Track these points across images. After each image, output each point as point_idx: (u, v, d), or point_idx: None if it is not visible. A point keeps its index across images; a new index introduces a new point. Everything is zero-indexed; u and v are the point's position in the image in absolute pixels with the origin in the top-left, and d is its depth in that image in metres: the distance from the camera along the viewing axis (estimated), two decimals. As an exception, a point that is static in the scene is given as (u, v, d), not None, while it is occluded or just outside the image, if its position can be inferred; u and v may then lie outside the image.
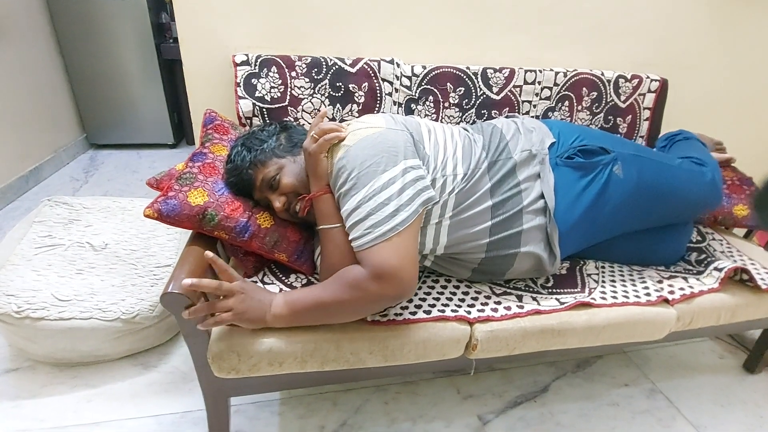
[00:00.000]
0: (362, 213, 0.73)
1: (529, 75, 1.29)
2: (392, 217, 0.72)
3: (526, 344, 0.89)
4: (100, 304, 1.10)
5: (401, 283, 0.71)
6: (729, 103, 1.62)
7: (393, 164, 0.76)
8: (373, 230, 0.71)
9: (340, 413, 1.08)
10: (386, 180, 0.74)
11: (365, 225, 0.72)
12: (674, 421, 1.13)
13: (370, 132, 0.80)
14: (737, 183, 1.28)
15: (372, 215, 0.72)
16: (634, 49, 1.44)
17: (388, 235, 0.71)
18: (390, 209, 0.72)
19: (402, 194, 0.74)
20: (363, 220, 0.73)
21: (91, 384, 1.11)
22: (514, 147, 0.92)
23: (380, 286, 0.70)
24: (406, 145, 0.80)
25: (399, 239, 0.72)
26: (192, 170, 0.92)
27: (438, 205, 0.84)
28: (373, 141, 0.78)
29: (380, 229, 0.71)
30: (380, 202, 0.73)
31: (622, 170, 0.92)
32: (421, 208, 0.75)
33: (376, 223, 0.72)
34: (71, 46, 2.44)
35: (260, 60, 1.13)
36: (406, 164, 0.77)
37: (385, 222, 0.71)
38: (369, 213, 0.72)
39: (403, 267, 0.70)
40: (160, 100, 2.66)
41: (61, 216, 1.36)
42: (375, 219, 0.72)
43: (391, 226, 0.71)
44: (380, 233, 0.71)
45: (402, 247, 0.71)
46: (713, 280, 1.01)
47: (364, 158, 0.75)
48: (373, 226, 0.72)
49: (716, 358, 1.36)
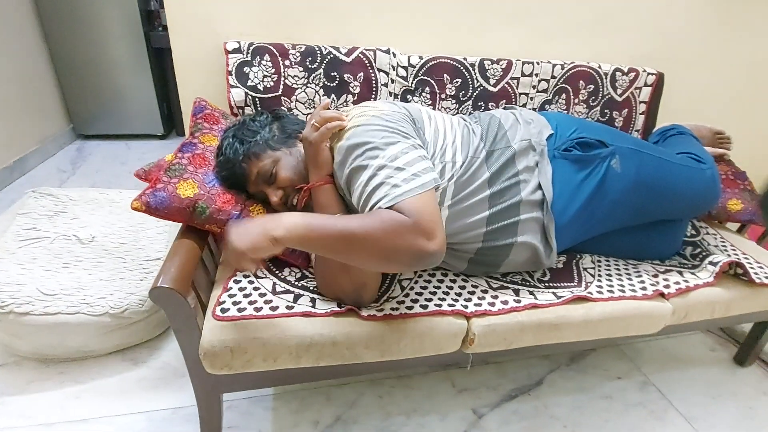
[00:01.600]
0: (380, 177, 0.69)
1: (526, 67, 1.27)
2: (412, 179, 0.68)
3: (523, 338, 0.88)
4: (88, 299, 1.07)
5: (436, 239, 0.64)
6: (725, 98, 1.62)
7: (405, 138, 0.75)
8: (396, 189, 0.67)
9: (334, 408, 1.07)
10: (400, 150, 0.72)
11: (387, 186, 0.67)
12: (666, 413, 1.14)
13: (377, 112, 0.79)
14: (731, 177, 1.29)
15: (392, 178, 0.68)
16: (632, 42, 1.43)
17: (415, 192, 0.66)
18: (409, 174, 0.69)
19: (417, 164, 0.71)
20: (381, 185, 0.68)
21: (79, 380, 1.09)
22: (513, 136, 0.91)
23: (418, 236, 0.63)
24: (411, 126, 0.80)
25: (425, 198, 0.67)
26: (181, 161, 0.89)
27: (438, 191, 0.82)
28: (382, 119, 0.77)
29: (407, 186, 0.67)
30: (397, 167, 0.69)
31: (620, 164, 0.91)
32: (434, 183, 0.71)
33: (396, 184, 0.67)
34: (57, 33, 2.37)
35: (253, 48, 1.10)
36: (415, 141, 0.76)
37: (407, 183, 0.67)
38: (388, 176, 0.68)
39: (437, 225, 0.66)
40: (149, 90, 2.60)
41: (47, 208, 1.32)
42: (395, 181, 0.68)
43: (414, 186, 0.67)
44: (410, 188, 0.67)
45: (430, 207, 0.67)
46: (708, 274, 1.01)
47: (376, 131, 0.74)
48: (395, 186, 0.67)
49: (707, 351, 1.37)
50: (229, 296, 0.82)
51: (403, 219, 0.64)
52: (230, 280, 0.87)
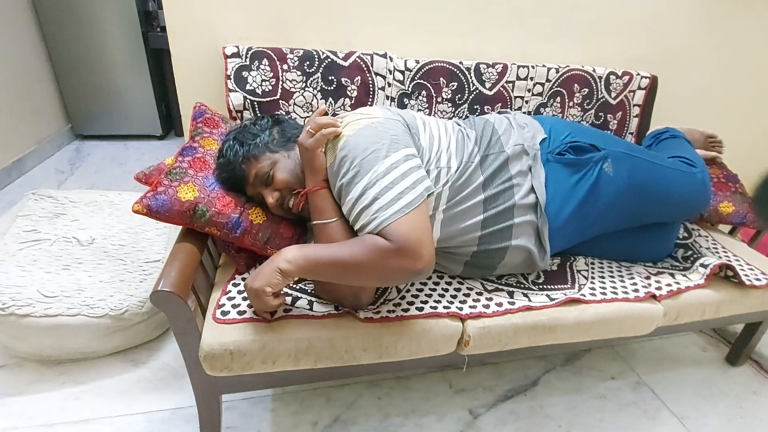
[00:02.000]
0: (367, 198, 0.72)
1: (521, 71, 1.29)
2: (399, 199, 0.71)
3: (517, 340, 0.90)
4: (88, 301, 1.08)
5: (421, 258, 0.69)
6: (718, 101, 1.64)
7: (395, 150, 0.76)
8: (382, 212, 0.70)
9: (333, 408, 1.09)
10: (389, 165, 0.73)
11: (372, 210, 0.71)
12: (659, 412, 1.16)
13: (370, 121, 0.80)
14: (723, 180, 1.31)
15: (378, 199, 0.71)
16: (626, 45, 1.45)
17: (401, 212, 0.70)
18: (395, 192, 0.71)
19: (405, 179, 0.73)
20: (369, 206, 0.72)
21: (80, 381, 1.10)
22: (507, 141, 0.92)
23: (403, 260, 0.69)
24: (405, 134, 0.81)
25: (413, 217, 0.70)
26: (182, 165, 0.90)
27: (432, 197, 0.84)
28: (373, 129, 0.78)
29: (392, 209, 0.70)
30: (384, 186, 0.72)
31: (612, 168, 0.93)
32: (425, 194, 0.74)
33: (383, 205, 0.71)
34: (54, 33, 2.36)
35: (251, 52, 1.11)
36: (407, 151, 0.77)
37: (395, 203, 0.71)
38: (374, 198, 0.71)
39: (422, 243, 0.69)
40: (147, 91, 2.60)
41: (47, 210, 1.33)
42: (382, 202, 0.71)
43: (402, 206, 0.70)
44: (394, 211, 0.70)
45: (418, 224, 0.70)
46: (699, 276, 1.03)
47: (366, 145, 0.75)
48: (381, 209, 0.70)
49: (699, 351, 1.39)
50: (228, 299, 0.84)
51: (387, 247, 0.69)
52: (229, 283, 0.88)
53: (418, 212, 0.71)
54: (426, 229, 0.72)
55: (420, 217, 0.72)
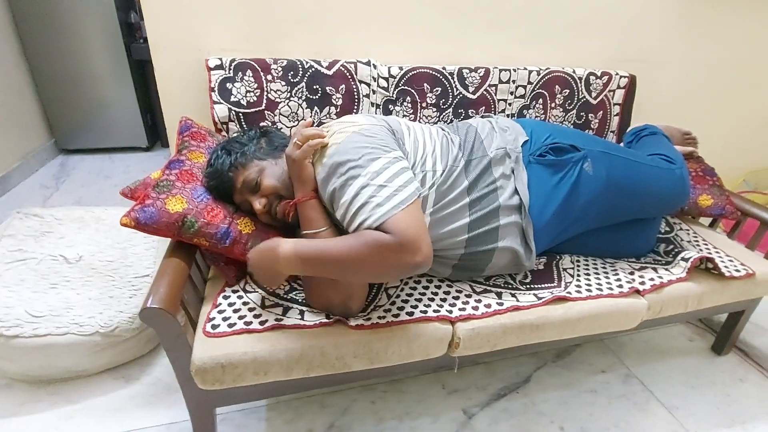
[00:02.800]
0: (363, 197, 0.73)
1: (503, 74, 1.31)
2: (394, 196, 0.72)
3: (506, 340, 0.91)
4: (77, 319, 1.07)
5: (420, 251, 0.69)
6: (694, 98, 1.69)
7: (385, 152, 0.77)
8: (378, 209, 0.71)
9: (327, 415, 1.09)
10: (382, 165, 0.75)
11: (369, 207, 0.72)
12: (648, 404, 1.19)
13: (356, 128, 0.81)
14: (701, 174, 1.34)
15: (374, 197, 0.72)
16: (604, 46, 1.48)
17: (397, 209, 0.71)
18: (390, 191, 0.73)
19: (398, 177, 0.75)
20: (365, 205, 0.72)
21: (72, 400, 1.09)
22: (489, 145, 0.94)
23: (403, 254, 0.68)
24: (390, 138, 0.82)
25: (410, 212, 0.71)
26: (169, 177, 0.90)
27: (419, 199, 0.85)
28: (361, 135, 0.79)
29: (387, 206, 0.71)
30: (379, 185, 0.73)
31: (592, 167, 0.95)
32: (417, 192, 0.75)
33: (380, 203, 0.72)
34: (35, 46, 2.34)
35: (234, 64, 1.12)
36: (396, 154, 0.79)
37: (391, 199, 0.72)
38: (371, 196, 0.72)
39: (421, 237, 0.70)
40: (131, 102, 2.58)
41: (32, 228, 1.32)
42: (378, 200, 0.72)
43: (398, 201, 0.72)
44: (389, 207, 0.71)
45: (414, 219, 0.71)
46: (681, 270, 1.06)
47: (357, 149, 0.77)
48: (377, 206, 0.71)
49: (686, 342, 1.42)
50: (219, 312, 0.84)
51: (388, 240, 0.69)
52: (219, 296, 0.89)
53: (414, 207, 0.73)
54: (423, 224, 0.73)
55: (416, 212, 0.73)
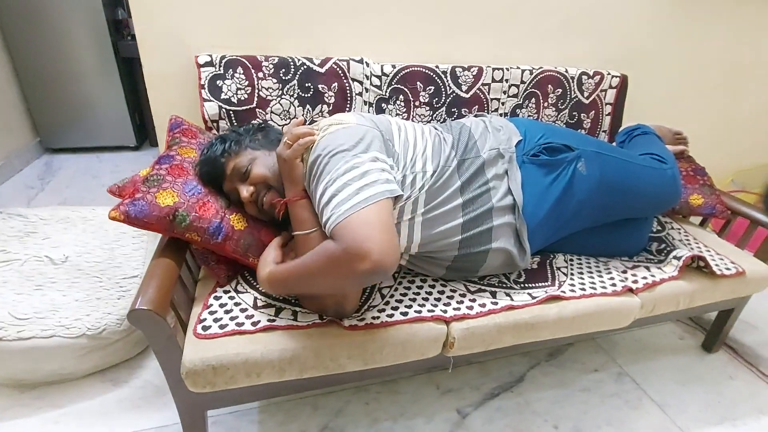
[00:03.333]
0: (327, 196, 0.72)
1: (496, 73, 1.31)
2: (355, 195, 0.70)
3: (501, 339, 0.91)
4: (63, 321, 1.05)
5: (370, 254, 0.64)
6: (684, 98, 1.71)
7: (361, 151, 0.76)
8: (337, 209, 0.69)
9: (320, 417, 1.08)
10: (351, 163, 0.73)
11: (330, 207, 0.71)
12: (641, 402, 1.19)
13: (341, 127, 0.80)
14: (691, 173, 1.35)
15: (335, 196, 0.71)
16: (596, 46, 1.49)
17: (351, 211, 0.68)
18: (352, 189, 0.70)
19: (364, 177, 0.72)
20: (328, 203, 0.71)
21: (57, 404, 1.06)
22: (482, 145, 0.94)
23: (350, 261, 0.65)
24: (377, 140, 0.81)
25: (366, 213, 0.68)
26: (159, 172, 0.88)
27: (409, 201, 0.84)
28: (343, 133, 0.78)
29: (344, 206, 0.69)
30: (343, 183, 0.71)
31: (585, 167, 0.95)
32: (387, 194, 0.72)
33: (339, 203, 0.70)
34: (19, 43, 2.29)
35: (225, 61, 1.10)
36: (374, 155, 0.77)
37: (348, 200, 0.69)
38: (333, 195, 0.71)
39: (370, 239, 0.65)
40: (119, 100, 2.54)
41: (16, 229, 1.28)
42: (338, 199, 0.70)
43: (355, 203, 0.69)
44: (344, 209, 0.68)
45: (371, 220, 0.68)
46: (673, 269, 1.06)
47: (333, 146, 0.76)
48: (337, 206, 0.70)
49: (677, 340, 1.44)
50: (210, 313, 0.82)
51: (333, 249, 0.67)
52: (210, 297, 0.87)
53: (375, 207, 0.69)
54: (380, 225, 0.68)
55: (375, 213, 0.68)
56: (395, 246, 0.68)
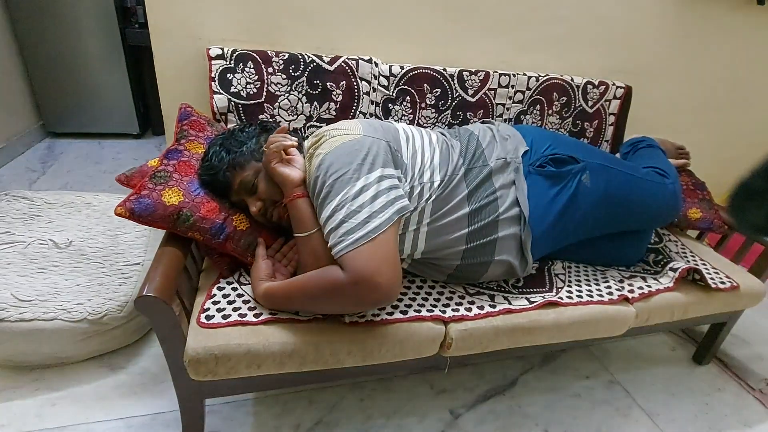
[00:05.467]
0: (336, 221, 0.72)
1: (503, 79, 1.32)
2: (365, 224, 0.71)
3: (498, 342, 0.92)
4: (65, 305, 1.05)
5: (378, 288, 0.69)
6: (688, 110, 1.72)
7: (368, 171, 0.75)
8: (346, 237, 0.71)
9: (315, 411, 1.09)
10: (360, 187, 0.74)
11: (339, 233, 0.72)
12: (630, 410, 1.21)
13: (347, 139, 0.79)
14: (691, 188, 1.37)
15: (345, 223, 0.72)
16: (602, 56, 1.50)
17: (361, 241, 0.70)
18: (362, 216, 0.72)
19: (375, 202, 0.73)
20: (336, 229, 0.72)
21: (55, 387, 1.07)
22: (490, 154, 0.94)
23: (358, 292, 0.69)
24: (384, 153, 0.80)
25: (374, 245, 0.70)
26: (167, 168, 0.89)
27: (415, 212, 0.85)
28: (349, 148, 0.78)
29: (353, 236, 0.70)
30: (352, 210, 0.72)
31: (590, 179, 0.96)
32: (395, 216, 0.74)
33: (349, 230, 0.71)
34: (27, 27, 2.28)
35: (236, 54, 1.11)
36: (383, 172, 0.77)
37: (358, 229, 0.71)
38: (342, 221, 0.72)
39: (380, 272, 0.69)
40: (124, 88, 2.54)
41: (21, 211, 1.29)
42: (348, 227, 0.71)
43: (364, 233, 0.70)
44: (354, 239, 0.70)
45: (379, 252, 0.70)
46: (669, 280, 1.08)
47: (339, 166, 0.75)
48: (346, 233, 0.71)
49: (668, 351, 1.46)
50: (213, 303, 0.83)
51: (342, 280, 0.70)
52: (214, 287, 0.88)
53: (383, 237, 0.71)
54: (388, 255, 0.72)
55: (384, 243, 0.71)
56: (400, 276, 0.75)
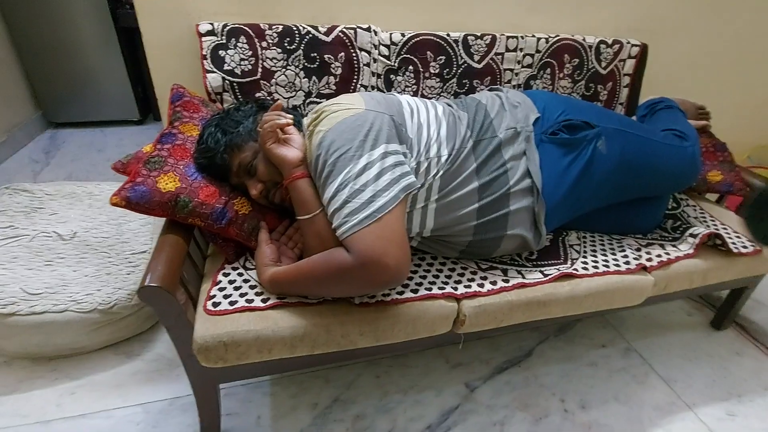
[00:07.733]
0: (339, 201, 0.70)
1: (510, 42, 1.25)
2: (370, 203, 0.68)
3: (512, 316, 0.90)
4: (75, 296, 1.05)
5: (387, 269, 0.67)
6: (708, 69, 1.63)
7: (371, 148, 0.72)
8: (351, 218, 0.68)
9: (332, 389, 1.10)
10: (362, 165, 0.70)
11: (343, 213, 0.69)
12: (647, 377, 1.20)
13: (348, 114, 0.75)
14: (712, 149, 1.31)
15: (348, 203, 0.69)
16: (617, 13, 1.41)
17: (366, 222, 0.67)
18: (367, 196, 0.69)
19: (379, 180, 0.70)
20: (340, 209, 0.69)
21: (73, 376, 1.08)
22: (499, 125, 0.90)
23: (366, 274, 0.67)
24: (387, 127, 0.76)
25: (380, 225, 0.67)
26: (161, 153, 0.86)
27: (423, 189, 0.82)
28: (350, 124, 0.74)
29: (357, 217, 0.68)
30: (356, 189, 0.69)
31: (605, 145, 0.91)
32: (402, 194, 0.71)
33: (352, 211, 0.68)
34: (16, 13, 2.22)
35: (227, 29, 1.05)
36: (387, 148, 0.73)
37: (363, 209, 0.68)
38: (345, 201, 0.69)
39: (387, 253, 0.66)
40: (120, 73, 2.49)
41: (23, 204, 1.28)
42: (351, 207, 0.68)
43: (369, 212, 0.67)
44: (358, 220, 0.67)
45: (386, 232, 0.68)
46: (688, 246, 1.04)
47: (341, 143, 0.72)
48: (350, 214, 0.68)
49: (685, 316, 1.43)
50: (219, 289, 0.82)
51: (349, 262, 0.67)
52: (219, 273, 0.86)
53: (389, 216, 0.68)
54: (396, 235, 0.69)
55: (391, 223, 0.68)
56: (409, 257, 0.71)
